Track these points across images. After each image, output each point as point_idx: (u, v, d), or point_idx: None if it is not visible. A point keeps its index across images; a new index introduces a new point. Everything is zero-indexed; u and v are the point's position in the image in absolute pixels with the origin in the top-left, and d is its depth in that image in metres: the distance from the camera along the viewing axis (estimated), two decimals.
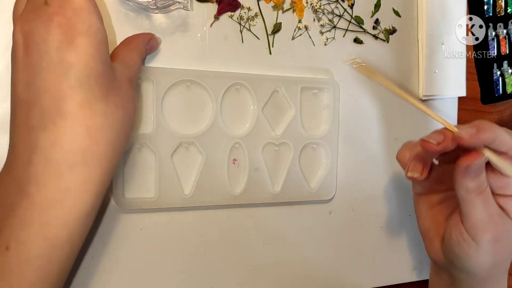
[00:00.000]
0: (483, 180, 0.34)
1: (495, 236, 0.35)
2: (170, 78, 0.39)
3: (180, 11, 0.40)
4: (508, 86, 0.55)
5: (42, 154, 0.28)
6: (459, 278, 0.39)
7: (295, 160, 0.44)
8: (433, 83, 0.51)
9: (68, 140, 0.28)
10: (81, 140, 0.29)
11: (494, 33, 0.54)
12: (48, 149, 0.28)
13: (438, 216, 0.40)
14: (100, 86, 0.29)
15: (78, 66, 0.28)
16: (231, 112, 0.42)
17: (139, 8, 0.39)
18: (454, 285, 0.40)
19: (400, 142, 0.50)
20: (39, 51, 0.28)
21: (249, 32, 0.43)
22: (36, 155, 0.28)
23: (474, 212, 0.34)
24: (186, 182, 0.41)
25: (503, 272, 0.39)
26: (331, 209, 0.47)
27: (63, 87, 0.28)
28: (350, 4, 0.47)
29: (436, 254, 0.40)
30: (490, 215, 0.34)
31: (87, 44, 0.29)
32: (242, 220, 0.43)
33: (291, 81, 0.44)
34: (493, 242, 0.35)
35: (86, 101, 0.29)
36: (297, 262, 0.46)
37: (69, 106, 0.28)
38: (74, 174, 0.29)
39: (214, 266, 0.42)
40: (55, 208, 0.28)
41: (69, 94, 0.28)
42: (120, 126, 0.31)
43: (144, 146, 0.39)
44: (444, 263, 0.39)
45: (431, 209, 0.41)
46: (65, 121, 0.28)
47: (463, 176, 0.33)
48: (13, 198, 0.29)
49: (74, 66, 0.28)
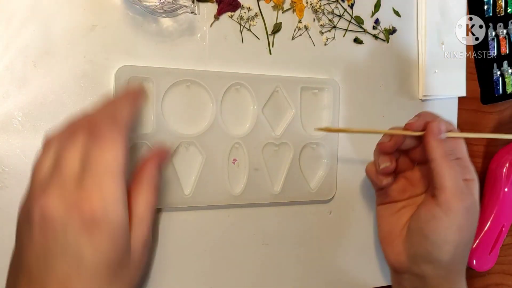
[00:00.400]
0: (449, 148, 0.38)
1: (467, 205, 0.36)
2: (170, 78, 0.39)
3: (187, 14, 0.40)
4: (508, 86, 0.55)
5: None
6: (422, 276, 0.39)
7: (295, 160, 0.44)
8: (433, 83, 0.51)
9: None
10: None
11: (494, 33, 0.54)
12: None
13: (400, 219, 0.42)
14: (111, 275, 0.29)
15: (93, 260, 0.28)
16: (231, 112, 0.42)
17: (147, 12, 0.39)
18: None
19: None
20: (56, 237, 0.28)
21: (249, 32, 0.43)
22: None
23: (449, 178, 0.36)
24: (186, 182, 0.41)
25: (462, 265, 0.40)
26: (331, 209, 0.47)
27: (73, 278, 0.28)
28: (350, 4, 0.47)
29: (398, 256, 0.40)
30: (461, 184, 0.37)
31: (107, 238, 0.28)
32: (242, 220, 0.43)
33: (291, 81, 0.44)
34: (465, 212, 0.36)
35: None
36: (297, 262, 0.46)
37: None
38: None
39: (214, 266, 0.42)
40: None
41: (77, 285, 0.28)
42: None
43: (144, 146, 0.39)
44: (406, 264, 0.40)
45: (393, 215, 0.42)
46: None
47: (436, 139, 0.37)
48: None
49: (89, 259, 0.28)
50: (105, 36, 0.38)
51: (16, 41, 0.36)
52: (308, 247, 0.46)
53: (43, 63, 0.37)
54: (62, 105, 0.37)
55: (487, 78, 0.54)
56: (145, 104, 0.39)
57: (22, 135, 0.36)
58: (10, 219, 0.36)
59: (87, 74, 0.38)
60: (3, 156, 0.35)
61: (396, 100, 0.50)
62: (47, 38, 0.37)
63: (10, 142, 0.36)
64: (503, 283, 0.59)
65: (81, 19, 0.38)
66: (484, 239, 0.54)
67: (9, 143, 0.36)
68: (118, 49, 0.38)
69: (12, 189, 0.36)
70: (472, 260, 0.54)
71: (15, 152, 0.36)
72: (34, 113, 0.37)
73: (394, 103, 0.50)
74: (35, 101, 0.37)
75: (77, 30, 0.37)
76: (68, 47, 0.37)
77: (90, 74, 0.38)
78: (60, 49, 0.37)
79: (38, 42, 0.36)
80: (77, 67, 0.37)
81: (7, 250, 0.36)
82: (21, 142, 0.36)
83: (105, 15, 0.38)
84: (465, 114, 0.54)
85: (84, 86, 0.38)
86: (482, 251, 0.54)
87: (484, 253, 0.54)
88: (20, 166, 0.36)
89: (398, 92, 0.50)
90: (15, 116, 0.36)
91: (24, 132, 0.36)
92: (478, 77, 0.55)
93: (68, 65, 0.37)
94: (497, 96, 0.55)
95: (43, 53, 0.37)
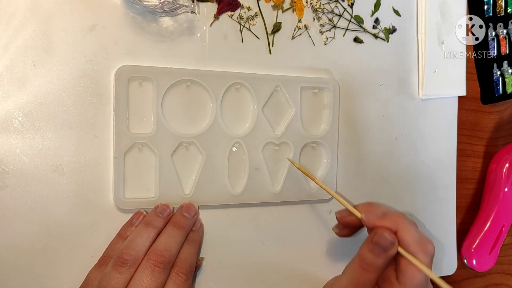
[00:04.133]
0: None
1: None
2: (170, 78, 0.40)
3: (187, 14, 0.40)
4: (508, 86, 0.55)
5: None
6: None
7: (295, 160, 0.44)
8: (433, 83, 0.51)
9: None
10: None
11: (494, 33, 0.54)
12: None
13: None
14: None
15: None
16: (231, 111, 0.42)
17: (146, 12, 0.39)
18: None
19: (400, 141, 0.50)
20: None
21: (249, 31, 0.43)
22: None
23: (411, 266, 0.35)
24: (186, 182, 0.41)
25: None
26: (331, 209, 0.47)
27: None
28: (350, 4, 0.47)
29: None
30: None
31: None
32: (242, 220, 0.43)
33: (291, 80, 0.44)
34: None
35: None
36: (297, 262, 0.46)
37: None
38: None
39: (213, 266, 0.42)
40: None
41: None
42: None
43: (144, 146, 0.39)
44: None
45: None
46: None
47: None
48: None
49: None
50: (105, 36, 0.38)
51: (16, 41, 0.36)
52: (308, 247, 0.46)
53: (43, 63, 0.37)
54: (62, 105, 0.37)
55: (487, 78, 0.54)
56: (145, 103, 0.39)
57: (22, 135, 0.36)
58: (10, 219, 0.36)
59: (87, 74, 0.38)
60: (3, 156, 0.35)
61: (396, 99, 0.50)
62: (47, 38, 0.37)
63: (10, 142, 0.36)
64: (503, 283, 0.59)
65: (81, 19, 0.38)
66: (484, 239, 0.54)
67: (9, 143, 0.36)
68: (118, 49, 0.39)
69: (12, 189, 0.36)
70: (472, 260, 0.54)
71: (15, 152, 0.36)
72: (34, 113, 0.37)
73: (394, 102, 0.50)
74: (35, 101, 0.37)
75: (77, 30, 0.37)
76: (68, 47, 0.37)
77: (90, 74, 0.38)
78: (60, 49, 0.37)
79: (38, 42, 0.36)
80: (77, 67, 0.38)
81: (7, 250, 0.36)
82: (21, 142, 0.36)
83: (105, 15, 0.38)
84: (465, 114, 0.54)
85: (84, 86, 0.38)
86: (482, 251, 0.54)
87: (484, 253, 0.54)
88: (20, 166, 0.36)
89: (398, 91, 0.50)
90: (15, 116, 0.36)
91: (24, 132, 0.36)
92: (478, 77, 0.55)
93: (68, 65, 0.37)
94: (497, 96, 0.55)
95: (43, 53, 0.37)
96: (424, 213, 0.52)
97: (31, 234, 0.37)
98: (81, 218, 0.38)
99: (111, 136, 0.38)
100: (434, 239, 0.52)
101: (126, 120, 0.38)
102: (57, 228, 0.37)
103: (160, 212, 0.38)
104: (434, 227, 0.52)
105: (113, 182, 0.38)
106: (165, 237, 0.36)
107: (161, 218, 0.38)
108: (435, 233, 0.52)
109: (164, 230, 0.37)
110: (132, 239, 0.36)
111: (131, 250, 0.35)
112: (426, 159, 0.51)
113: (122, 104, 0.38)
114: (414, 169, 0.51)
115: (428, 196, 0.52)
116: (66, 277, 0.38)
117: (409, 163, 0.51)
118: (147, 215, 0.38)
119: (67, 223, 0.38)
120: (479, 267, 0.54)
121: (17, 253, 0.36)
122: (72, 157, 0.38)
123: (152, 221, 0.37)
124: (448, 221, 0.53)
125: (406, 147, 0.50)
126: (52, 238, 0.37)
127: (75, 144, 0.38)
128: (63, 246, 0.38)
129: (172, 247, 0.36)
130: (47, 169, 0.37)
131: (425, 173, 0.52)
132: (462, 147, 0.54)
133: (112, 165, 0.38)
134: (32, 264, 0.37)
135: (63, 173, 0.37)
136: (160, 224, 0.37)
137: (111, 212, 0.39)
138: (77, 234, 0.38)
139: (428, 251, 0.35)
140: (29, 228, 0.37)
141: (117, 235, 0.38)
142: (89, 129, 0.38)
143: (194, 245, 0.39)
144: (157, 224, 0.37)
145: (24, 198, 0.36)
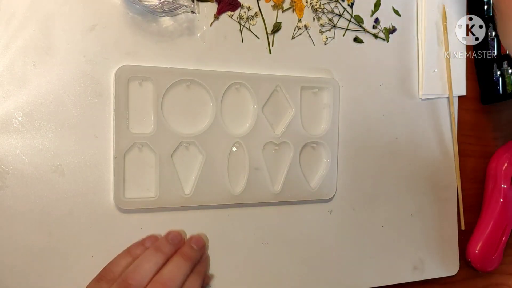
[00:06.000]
0: None
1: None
2: (170, 78, 0.40)
3: (187, 14, 0.40)
4: (508, 86, 0.55)
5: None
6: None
7: (295, 160, 0.44)
8: (433, 83, 0.51)
9: None
10: None
11: (494, 33, 0.54)
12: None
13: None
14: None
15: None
16: (231, 111, 0.42)
17: (146, 12, 0.39)
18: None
19: (400, 141, 0.50)
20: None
21: (249, 31, 0.43)
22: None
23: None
24: (186, 182, 0.41)
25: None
26: (331, 209, 0.47)
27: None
28: (350, 3, 0.47)
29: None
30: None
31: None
32: (242, 220, 0.43)
33: (291, 80, 0.44)
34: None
35: None
36: (297, 262, 0.46)
37: None
38: None
39: (213, 266, 0.42)
40: None
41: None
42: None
43: (144, 146, 0.39)
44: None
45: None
46: None
47: None
48: None
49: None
50: (105, 36, 0.38)
51: (16, 41, 0.36)
52: (308, 247, 0.46)
53: (43, 63, 0.37)
54: (62, 105, 0.37)
55: (487, 78, 0.54)
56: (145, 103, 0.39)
57: (22, 135, 0.36)
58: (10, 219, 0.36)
59: (87, 74, 0.38)
60: (3, 156, 0.35)
61: (396, 99, 0.50)
62: (47, 38, 0.37)
63: (10, 142, 0.36)
64: (503, 283, 0.59)
65: (81, 19, 0.38)
66: (488, 239, 0.54)
67: (9, 143, 0.36)
68: (118, 49, 0.39)
69: (12, 189, 0.36)
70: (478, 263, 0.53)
71: (15, 152, 0.36)
72: (34, 113, 0.37)
73: (394, 102, 0.50)
74: (35, 101, 0.37)
75: (77, 30, 0.37)
76: (68, 47, 0.37)
77: (90, 74, 0.38)
78: (60, 49, 0.37)
79: (38, 42, 0.36)
80: (77, 67, 0.38)
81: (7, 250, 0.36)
82: (21, 142, 0.36)
83: (105, 15, 0.38)
84: (465, 114, 0.54)
85: (84, 86, 0.38)
86: (487, 252, 0.54)
87: (489, 254, 0.54)
88: (20, 166, 0.36)
89: (398, 91, 0.50)
90: (15, 116, 0.36)
91: (24, 132, 0.36)
92: (478, 77, 0.55)
93: (68, 65, 0.37)
94: (497, 96, 0.54)
95: (43, 53, 0.37)
96: (425, 213, 0.52)
97: (31, 234, 0.37)
98: (81, 218, 0.38)
99: (111, 136, 0.38)
100: (435, 239, 0.52)
101: (126, 120, 0.38)
102: (57, 228, 0.37)
103: (171, 239, 0.38)
104: (435, 227, 0.52)
105: (113, 182, 0.38)
106: (172, 267, 0.36)
107: (172, 245, 0.38)
108: (436, 233, 0.52)
109: (171, 260, 0.37)
110: (140, 264, 0.36)
111: (137, 275, 0.35)
112: (426, 159, 0.51)
113: (122, 104, 0.38)
114: (414, 169, 0.51)
115: (428, 196, 0.52)
116: (66, 278, 0.38)
117: (409, 163, 0.51)
118: (159, 240, 0.38)
119: (67, 223, 0.38)
120: (486, 268, 0.54)
121: (17, 253, 0.36)
122: (72, 157, 0.38)
123: (163, 247, 0.37)
124: (449, 221, 0.53)
125: (406, 147, 0.50)
126: (52, 238, 0.37)
127: (75, 144, 0.38)
128: (63, 246, 0.38)
129: (177, 279, 0.36)
130: (47, 169, 0.37)
131: (425, 173, 0.52)
132: (462, 147, 0.54)
133: (112, 165, 0.38)
134: (32, 264, 0.37)
135: (63, 173, 0.37)
136: (170, 251, 0.38)
137: (111, 212, 0.39)
138: (77, 234, 0.38)
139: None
140: (29, 228, 0.37)
141: (126, 250, 0.38)
142: (89, 129, 0.38)
143: (199, 277, 0.39)
144: (167, 251, 0.37)
145: (24, 198, 0.36)
